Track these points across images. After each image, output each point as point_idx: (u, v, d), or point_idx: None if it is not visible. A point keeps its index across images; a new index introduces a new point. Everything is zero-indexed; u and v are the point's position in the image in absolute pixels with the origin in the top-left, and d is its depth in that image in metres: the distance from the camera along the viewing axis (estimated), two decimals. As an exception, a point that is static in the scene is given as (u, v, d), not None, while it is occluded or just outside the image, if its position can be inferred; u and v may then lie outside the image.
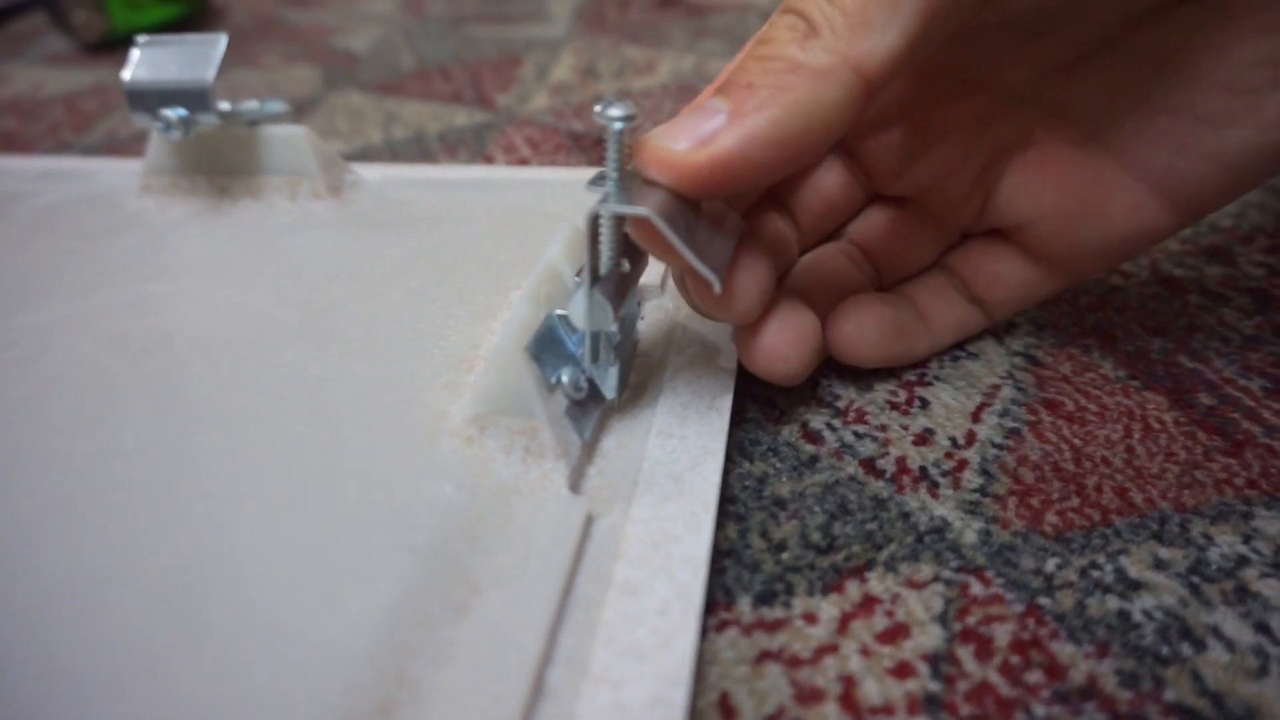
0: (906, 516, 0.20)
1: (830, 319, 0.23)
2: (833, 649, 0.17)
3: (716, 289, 0.19)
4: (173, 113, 0.29)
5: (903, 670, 0.17)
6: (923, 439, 0.22)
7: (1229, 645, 0.17)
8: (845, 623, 0.18)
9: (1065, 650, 0.17)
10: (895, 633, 0.17)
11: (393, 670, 0.15)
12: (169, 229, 0.30)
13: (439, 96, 0.48)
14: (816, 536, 0.20)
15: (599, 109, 0.18)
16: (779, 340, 0.21)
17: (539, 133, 0.42)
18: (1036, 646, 0.17)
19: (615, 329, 0.20)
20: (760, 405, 0.23)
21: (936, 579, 0.18)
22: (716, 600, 0.18)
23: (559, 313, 0.21)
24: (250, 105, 0.32)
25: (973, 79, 0.22)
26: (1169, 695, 0.16)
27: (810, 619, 0.18)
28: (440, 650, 0.16)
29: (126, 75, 0.29)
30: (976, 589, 0.18)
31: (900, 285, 0.25)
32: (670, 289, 0.26)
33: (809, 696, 0.16)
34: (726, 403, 0.22)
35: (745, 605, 0.18)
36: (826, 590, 0.18)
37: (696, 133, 0.17)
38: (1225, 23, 0.19)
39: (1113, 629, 0.17)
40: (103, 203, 0.32)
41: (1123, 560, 0.19)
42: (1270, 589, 0.18)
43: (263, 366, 0.23)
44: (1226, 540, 0.19)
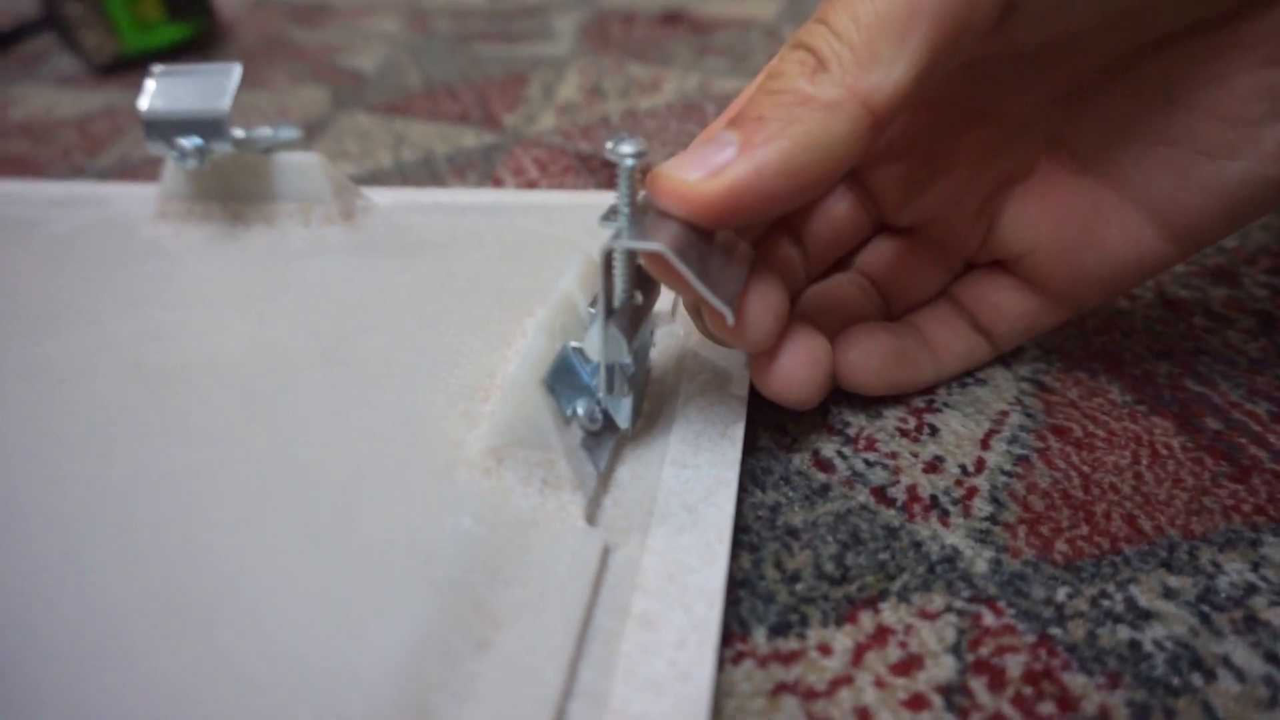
0: (918, 546, 0.20)
1: (835, 347, 0.23)
2: (847, 681, 0.17)
3: (730, 320, 0.19)
4: (188, 141, 0.29)
5: (917, 702, 0.17)
6: (933, 466, 0.22)
7: (1239, 675, 0.17)
8: (859, 654, 0.18)
9: (1077, 681, 0.17)
10: (909, 664, 0.18)
11: (416, 704, 0.15)
12: (184, 256, 0.30)
13: (446, 117, 0.48)
14: (830, 567, 0.20)
15: (610, 145, 0.18)
16: (793, 364, 0.21)
17: (547, 154, 0.43)
18: (1049, 677, 0.17)
19: (630, 360, 0.20)
20: (772, 432, 0.24)
21: (949, 609, 0.19)
22: (732, 631, 0.19)
23: (574, 345, 0.21)
24: (264, 132, 0.32)
25: (978, 110, 0.22)
26: (1181, 726, 0.16)
27: (825, 650, 0.18)
28: (462, 684, 0.16)
29: (143, 105, 0.29)
30: (989, 619, 0.18)
31: (907, 315, 0.25)
32: (681, 316, 0.26)
33: (825, 728, 0.17)
34: (739, 431, 0.22)
35: (760, 637, 0.18)
36: (840, 621, 0.19)
37: (708, 164, 0.18)
38: (1226, 55, 0.19)
39: (1124, 659, 0.17)
40: (118, 229, 0.33)
41: (1132, 589, 0.19)
42: (1279, 618, 0.18)
43: (280, 396, 0.23)
44: (1235, 568, 0.19)
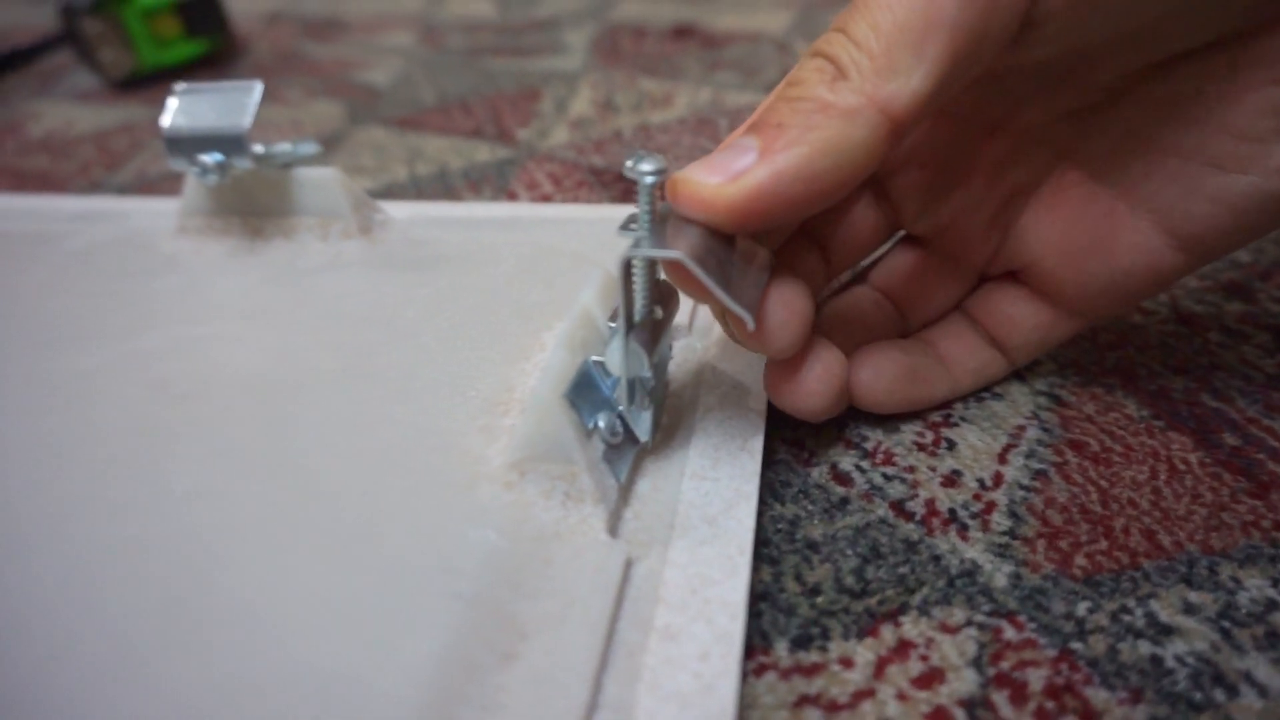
0: (938, 559, 0.20)
1: (850, 366, 0.23)
2: (870, 694, 0.17)
3: (750, 325, 0.19)
4: (209, 158, 0.30)
5: (939, 716, 0.17)
6: (951, 480, 0.22)
7: (1261, 691, 0.17)
8: (881, 667, 0.18)
9: (1099, 696, 0.17)
10: (931, 678, 0.18)
11: (442, 717, 0.16)
12: (205, 270, 0.31)
13: (460, 131, 0.49)
14: (850, 580, 0.20)
15: (630, 164, 0.18)
16: (808, 377, 0.21)
17: (560, 168, 0.43)
18: (1070, 692, 0.17)
19: (650, 374, 0.21)
20: (790, 446, 0.24)
21: (969, 623, 0.19)
22: (753, 644, 0.19)
23: (595, 359, 0.21)
24: (283, 148, 0.32)
25: (993, 121, 0.23)
26: (1203, 741, 0.16)
27: (846, 663, 0.18)
28: (489, 697, 0.16)
29: (166, 122, 0.30)
30: (1009, 633, 0.19)
31: (921, 331, 0.25)
32: (698, 329, 0.27)
33: (848, 742, 0.17)
34: (758, 444, 0.22)
35: (782, 649, 0.18)
36: (862, 634, 0.19)
37: (728, 169, 0.18)
38: (1237, 74, 0.19)
39: (1146, 675, 0.17)
40: (138, 244, 0.33)
41: (1153, 604, 0.19)
42: (1300, 633, 0.18)
43: (303, 411, 0.23)
44: (1255, 584, 0.19)
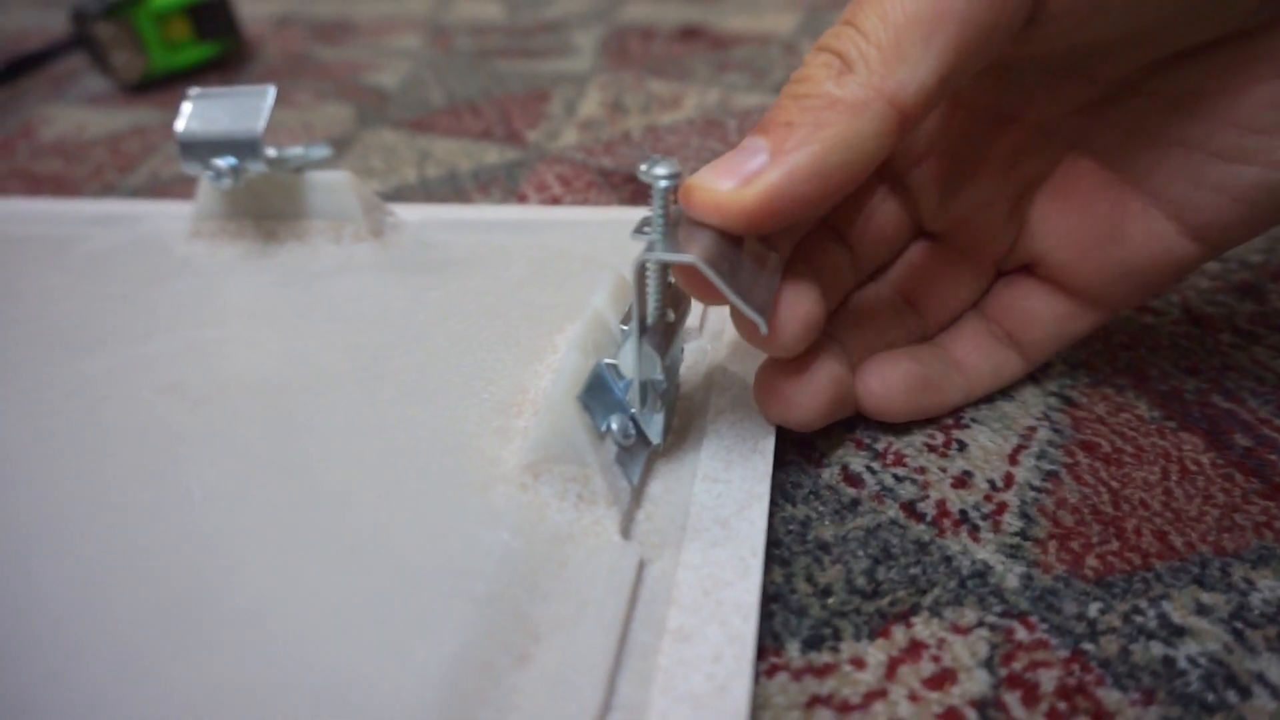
0: (949, 560, 0.20)
1: (858, 375, 0.23)
2: (882, 694, 0.18)
3: (763, 330, 0.19)
4: (223, 162, 0.30)
5: (951, 716, 0.17)
6: (961, 481, 0.22)
7: (1274, 692, 0.17)
8: (893, 668, 0.18)
9: (1111, 697, 0.17)
10: (942, 678, 0.18)
11: (459, 718, 0.16)
12: (218, 274, 0.31)
13: (470, 133, 0.49)
14: (861, 581, 0.20)
15: (644, 168, 0.18)
16: (791, 388, 0.22)
17: (570, 170, 0.43)
18: (1082, 693, 0.17)
19: (662, 377, 0.21)
20: (800, 447, 0.24)
21: (981, 624, 0.19)
22: (765, 645, 0.19)
23: (607, 362, 0.21)
24: (295, 151, 0.33)
25: (1008, 114, 0.23)
26: (1216, 742, 0.16)
27: (858, 664, 0.18)
28: (504, 698, 0.16)
29: (180, 127, 0.30)
30: (1021, 634, 0.19)
31: (937, 336, 0.25)
32: (709, 331, 0.27)
33: (861, 742, 0.17)
34: (769, 446, 0.22)
35: (794, 650, 0.19)
36: (873, 635, 0.19)
37: (740, 172, 0.18)
38: (1244, 67, 0.19)
39: (1158, 676, 0.18)
40: (153, 247, 0.33)
41: (1165, 605, 0.19)
42: (1313, 634, 0.18)
43: (316, 414, 0.23)
44: (1268, 585, 0.19)
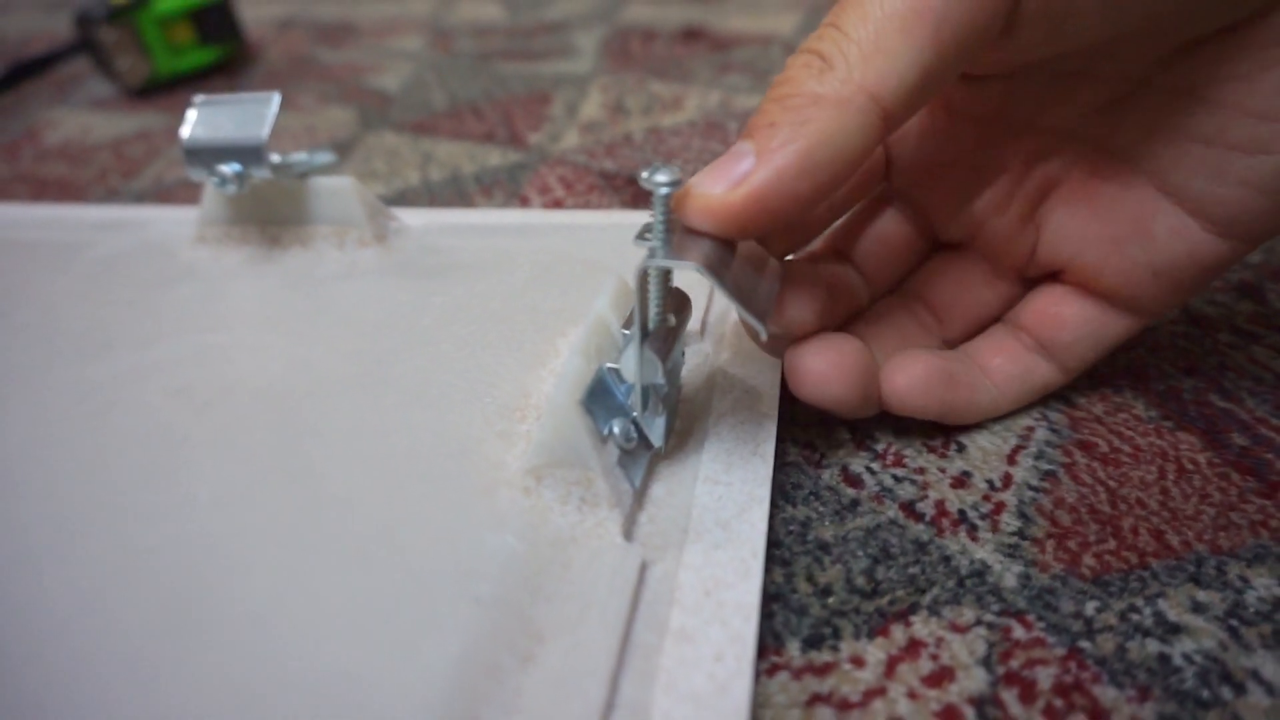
0: (947, 560, 0.21)
1: (882, 371, 0.23)
2: (881, 692, 0.18)
3: (763, 336, 0.20)
4: (228, 168, 0.30)
5: (949, 714, 0.17)
6: (960, 482, 0.23)
7: (1269, 689, 0.17)
8: (892, 666, 0.18)
9: (1108, 694, 0.17)
10: (941, 676, 0.18)
11: (464, 718, 0.16)
12: (223, 279, 0.31)
13: (472, 135, 0.49)
14: (861, 580, 0.20)
15: (646, 175, 0.19)
16: (824, 364, 0.22)
17: (572, 172, 0.43)
18: (1079, 690, 0.18)
19: (664, 381, 0.21)
20: (800, 448, 0.24)
21: (979, 622, 0.19)
22: (766, 644, 0.19)
23: (610, 366, 0.22)
24: (300, 157, 0.33)
25: (1020, 122, 0.23)
26: (1211, 738, 0.17)
27: (858, 662, 0.18)
28: (509, 699, 0.16)
29: (185, 134, 0.30)
30: (1018, 632, 0.19)
31: (963, 345, 0.25)
32: (710, 334, 0.27)
33: (860, 740, 0.17)
34: (770, 449, 0.23)
35: (794, 649, 0.19)
36: (872, 634, 0.19)
37: (729, 176, 0.18)
38: (1251, 55, 0.19)
39: (1154, 673, 0.18)
40: (158, 252, 0.34)
41: (1161, 603, 0.19)
42: (1307, 631, 0.18)
43: (321, 418, 0.24)
44: (1263, 583, 0.19)
